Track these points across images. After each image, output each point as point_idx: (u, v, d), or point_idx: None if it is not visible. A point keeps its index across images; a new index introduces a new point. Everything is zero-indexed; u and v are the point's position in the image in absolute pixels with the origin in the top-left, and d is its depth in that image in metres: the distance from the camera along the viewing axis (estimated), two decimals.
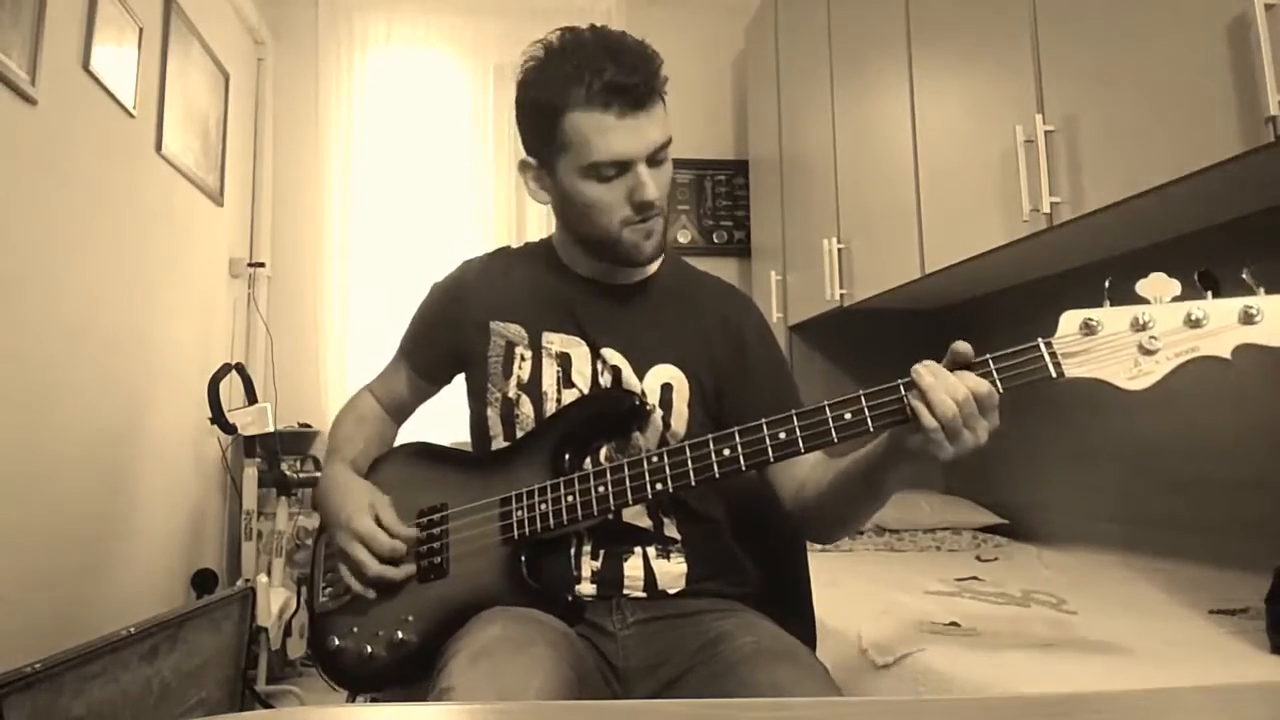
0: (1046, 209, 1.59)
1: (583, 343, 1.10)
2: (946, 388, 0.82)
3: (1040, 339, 0.84)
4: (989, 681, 1.14)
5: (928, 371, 0.84)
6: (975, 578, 1.84)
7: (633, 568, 1.05)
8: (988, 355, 0.85)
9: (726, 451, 0.92)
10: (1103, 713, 0.59)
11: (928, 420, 0.82)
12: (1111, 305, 0.83)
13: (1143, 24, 1.41)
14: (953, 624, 1.40)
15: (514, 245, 1.27)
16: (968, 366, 0.85)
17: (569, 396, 1.09)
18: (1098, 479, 2.18)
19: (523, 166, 1.10)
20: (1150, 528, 2.00)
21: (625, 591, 1.04)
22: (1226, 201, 1.56)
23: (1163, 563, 1.85)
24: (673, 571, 1.06)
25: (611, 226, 1.03)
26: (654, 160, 1.02)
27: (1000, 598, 1.62)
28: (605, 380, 1.09)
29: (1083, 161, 1.54)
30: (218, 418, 2.52)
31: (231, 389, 2.67)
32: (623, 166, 1.00)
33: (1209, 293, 0.80)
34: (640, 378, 1.08)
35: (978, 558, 2.17)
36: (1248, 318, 0.78)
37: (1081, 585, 1.71)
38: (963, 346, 0.86)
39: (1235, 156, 1.22)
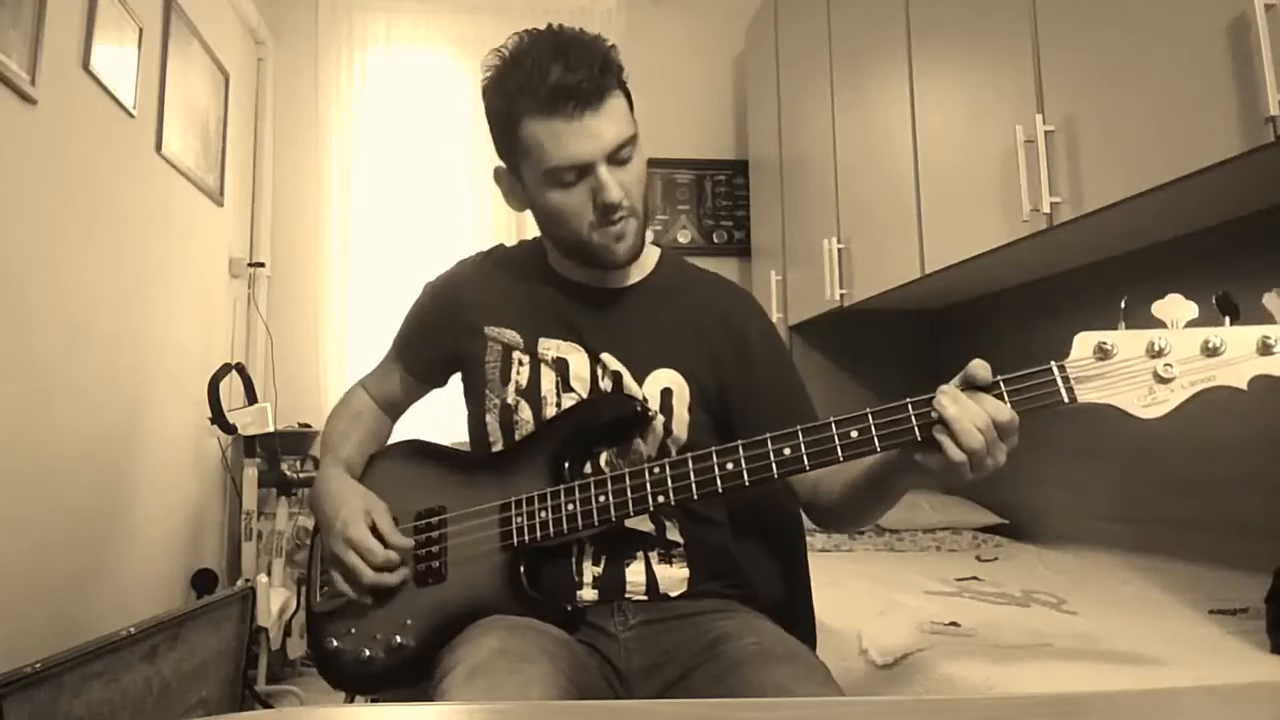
0: (1046, 209, 1.59)
1: (580, 348, 1.09)
2: (971, 417, 0.80)
3: (1053, 362, 0.82)
4: (989, 681, 1.14)
5: (951, 402, 0.81)
6: (975, 578, 1.84)
7: (635, 573, 1.04)
8: (999, 377, 0.83)
9: (730, 465, 0.91)
10: (1103, 712, 0.59)
11: (955, 454, 0.80)
12: (1125, 324, 0.80)
13: (1143, 24, 1.41)
14: (953, 624, 1.39)
15: (508, 244, 1.25)
16: (978, 390, 0.83)
17: (569, 402, 1.07)
18: (1098, 479, 2.18)
19: (497, 175, 1.10)
20: (1150, 528, 2.00)
21: (627, 595, 1.04)
22: (1227, 201, 1.56)
23: (1163, 563, 1.85)
24: (675, 576, 1.06)
25: (580, 231, 1.02)
26: (616, 159, 1.00)
27: (1000, 598, 1.62)
28: (606, 385, 1.07)
29: (1083, 161, 1.54)
30: (218, 418, 2.52)
31: (231, 389, 2.67)
32: (581, 170, 0.99)
33: (1226, 318, 0.77)
34: (639, 383, 1.07)
35: (978, 558, 2.17)
36: (1266, 348, 0.75)
37: (1081, 585, 1.71)
38: (980, 370, 0.83)
39: (1235, 156, 1.22)
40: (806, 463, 0.89)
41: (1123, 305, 0.81)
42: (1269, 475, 1.68)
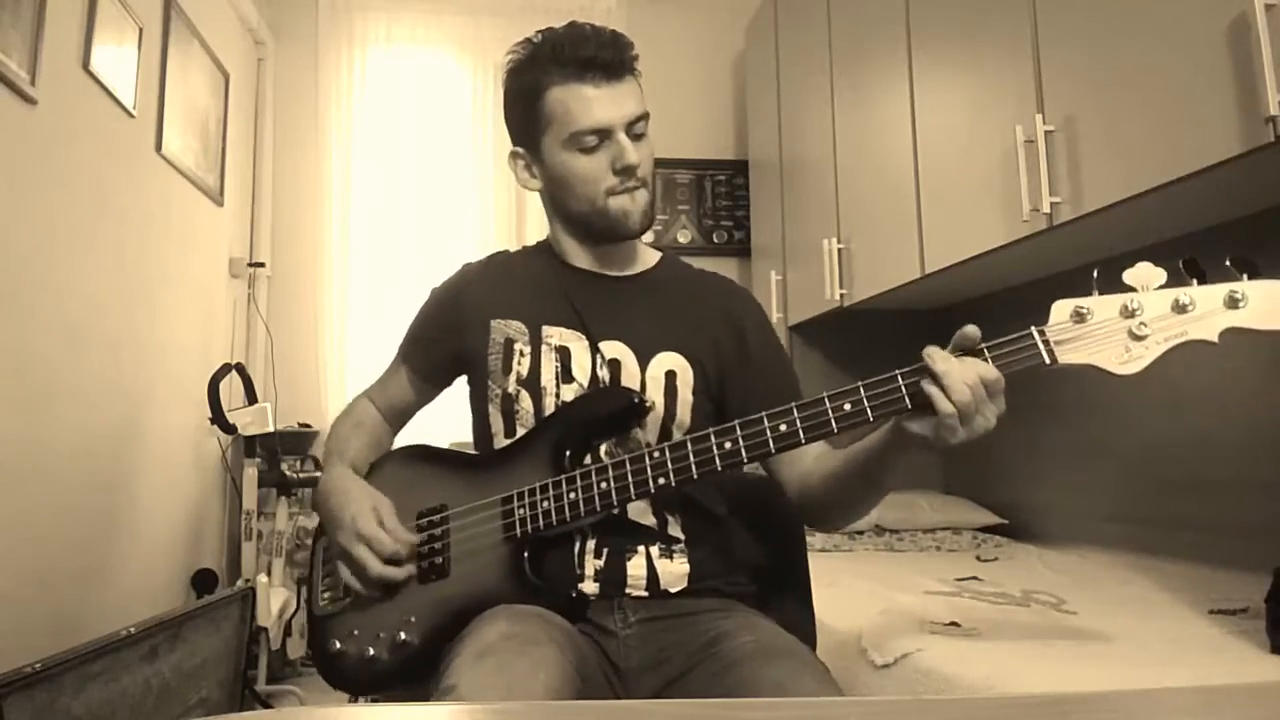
0: (1046, 209, 1.59)
1: (582, 336, 1.11)
2: (960, 373, 0.83)
3: (1033, 326, 0.86)
4: (989, 681, 1.14)
5: (941, 357, 0.84)
6: (975, 578, 1.84)
7: (636, 567, 1.05)
8: (982, 344, 0.86)
9: (728, 444, 0.93)
10: (1102, 712, 0.59)
11: (944, 405, 0.83)
12: (1099, 292, 0.84)
13: (1143, 24, 1.41)
14: (953, 624, 1.39)
15: (511, 249, 1.29)
16: (963, 354, 0.86)
17: (568, 391, 1.09)
18: (1098, 479, 2.18)
19: (512, 157, 1.16)
20: (1150, 528, 2.00)
21: (628, 591, 1.04)
22: (1226, 202, 1.56)
23: (1163, 563, 1.85)
24: (676, 571, 1.06)
25: (597, 197, 1.08)
26: (633, 134, 1.07)
27: (1000, 598, 1.62)
28: (604, 375, 1.09)
29: (1083, 161, 1.54)
30: (218, 418, 2.52)
31: (231, 389, 2.67)
32: (603, 134, 1.06)
33: (1194, 280, 0.81)
34: (643, 367, 1.09)
35: (978, 558, 2.17)
36: (1233, 302, 0.80)
37: (1081, 585, 1.71)
38: (971, 330, 0.86)
39: (1235, 156, 1.22)
40: (802, 436, 0.90)
41: (1095, 275, 0.84)
42: (1269, 475, 1.68)
